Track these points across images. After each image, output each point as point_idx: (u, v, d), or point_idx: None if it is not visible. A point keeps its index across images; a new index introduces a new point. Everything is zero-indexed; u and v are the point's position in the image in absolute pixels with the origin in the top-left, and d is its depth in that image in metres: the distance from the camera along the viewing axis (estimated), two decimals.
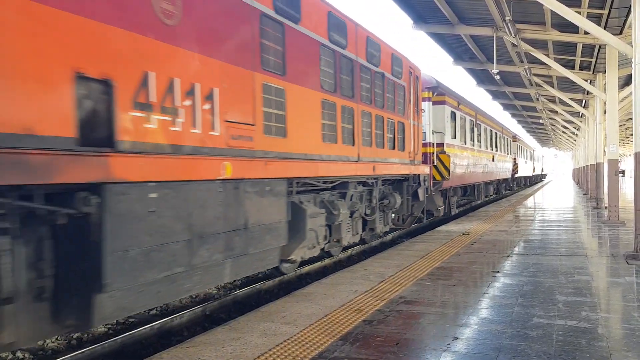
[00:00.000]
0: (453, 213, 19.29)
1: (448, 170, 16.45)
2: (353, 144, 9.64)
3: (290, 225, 7.61)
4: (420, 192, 13.64)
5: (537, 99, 27.53)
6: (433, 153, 16.11)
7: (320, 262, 10.95)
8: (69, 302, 4.45)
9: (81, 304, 4.44)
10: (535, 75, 20.92)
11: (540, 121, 41.32)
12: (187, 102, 5.46)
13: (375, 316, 5.57)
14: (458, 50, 20.35)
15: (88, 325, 4.50)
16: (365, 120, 10.23)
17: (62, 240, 4.43)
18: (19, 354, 6.18)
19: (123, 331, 7.08)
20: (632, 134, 9.58)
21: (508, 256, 9.32)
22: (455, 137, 18.10)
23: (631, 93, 9.64)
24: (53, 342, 6.60)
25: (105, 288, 4.40)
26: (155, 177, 4.90)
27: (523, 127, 54.56)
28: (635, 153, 9.01)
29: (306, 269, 10.35)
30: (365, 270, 8.16)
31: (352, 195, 9.99)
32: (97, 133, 4.46)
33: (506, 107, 37.25)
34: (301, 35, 7.86)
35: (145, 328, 6.61)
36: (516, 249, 10.19)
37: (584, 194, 31.20)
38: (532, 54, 16.61)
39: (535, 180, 65.24)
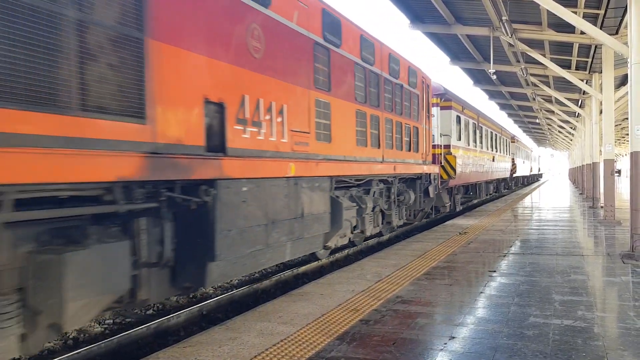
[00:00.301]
0: (457, 210, 20.67)
1: (454, 169, 17.80)
2: (378, 147, 11.10)
3: (330, 216, 8.98)
4: (431, 189, 15.13)
5: (534, 99, 27.58)
6: (441, 154, 17.48)
7: (317, 262, 10.95)
8: (189, 269, 5.80)
9: (198, 270, 5.79)
10: (532, 75, 20.97)
11: (537, 121, 41.40)
12: (267, 117, 6.96)
13: (372, 316, 5.57)
14: (455, 50, 20.38)
15: (202, 286, 5.94)
16: (388, 126, 11.70)
17: (188, 222, 5.77)
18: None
19: (119, 331, 7.06)
20: (628, 134, 9.61)
21: (504, 255, 9.34)
22: (460, 139, 19.38)
23: (627, 93, 9.66)
24: (49, 343, 6.58)
25: (215, 258, 5.79)
26: (246, 175, 6.38)
27: (520, 127, 54.67)
28: (631, 153, 9.04)
29: (303, 268, 10.35)
30: (362, 269, 8.16)
31: (374, 192, 11.30)
32: (215, 142, 5.94)
33: (503, 106, 37.31)
34: (341, 57, 9.40)
35: (141, 328, 6.60)
36: (512, 248, 10.21)
37: (580, 194, 31.28)
38: (528, 53, 16.65)
39: (532, 179, 65.99)
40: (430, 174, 15.16)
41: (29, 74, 3.85)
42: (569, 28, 14.29)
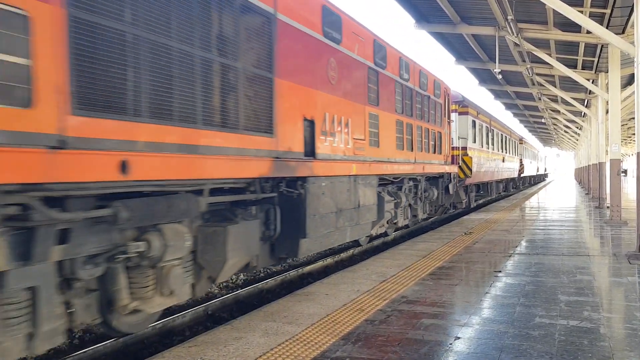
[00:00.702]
0: (472, 206, 22.57)
1: (470, 169, 19.68)
2: (411, 150, 12.85)
3: (377, 207, 10.69)
4: (451, 187, 16.91)
5: (539, 99, 27.49)
6: (458, 155, 19.10)
7: (321, 262, 10.96)
8: (286, 243, 7.56)
9: (292, 245, 7.55)
10: (538, 74, 20.90)
11: (543, 120, 41.27)
12: (339, 129, 8.81)
13: (377, 316, 5.57)
14: (460, 49, 20.34)
15: (295, 257, 7.69)
16: (418, 132, 13.46)
17: (288, 208, 7.46)
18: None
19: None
20: (634, 134, 9.58)
21: (510, 256, 9.32)
22: (475, 142, 21.22)
23: (633, 92, 9.62)
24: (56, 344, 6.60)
25: (306, 236, 7.56)
26: (325, 173, 8.18)
27: (525, 126, 54.51)
28: (638, 153, 9.00)
29: (308, 268, 10.36)
30: (367, 269, 8.16)
31: (406, 188, 12.96)
32: (308, 149, 7.82)
33: (508, 106, 37.21)
34: (386, 77, 11.12)
35: (147, 328, 6.61)
36: (518, 248, 10.18)
37: (586, 194, 31.17)
38: (534, 53, 16.60)
39: (538, 179, 66.47)
40: (450, 173, 16.89)
41: (225, 109, 5.90)
42: (575, 27, 14.24)
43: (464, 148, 19.64)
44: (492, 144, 25.58)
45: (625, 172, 79.26)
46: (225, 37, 5.97)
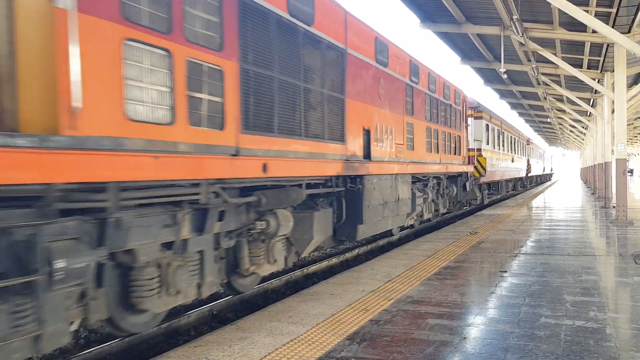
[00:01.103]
0: (485, 203, 24.47)
1: (484, 169, 21.58)
2: (437, 152, 14.50)
3: (411, 202, 12.40)
4: (467, 185, 18.62)
5: (545, 98, 27.42)
6: (474, 156, 20.64)
7: (327, 262, 10.95)
8: (346, 229, 9.31)
9: (351, 230, 9.31)
10: (543, 74, 20.83)
11: (548, 120, 41.16)
12: (385, 136, 10.53)
13: (382, 316, 5.57)
14: (465, 49, 20.31)
15: (353, 240, 9.70)
16: (442, 136, 15.09)
17: (349, 200, 9.30)
18: None
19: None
20: None
21: (515, 256, 9.29)
22: (488, 144, 22.97)
23: (639, 92, 9.58)
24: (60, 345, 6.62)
25: (362, 222, 9.31)
26: (377, 172, 9.99)
27: (531, 126, 54.36)
28: None
29: (313, 268, 10.36)
30: (372, 269, 8.15)
31: (431, 185, 14.58)
32: (365, 153, 9.54)
33: (514, 106, 37.13)
34: (419, 91, 12.88)
35: (152, 328, 6.62)
36: (523, 248, 10.16)
37: (592, 193, 31.06)
38: (539, 52, 16.56)
39: (544, 179, 67.14)
40: (467, 172, 18.53)
41: (317, 124, 7.78)
42: (580, 27, 14.19)
43: (479, 149, 21.48)
44: (503, 146, 27.28)
45: (631, 171, 79.06)
46: (318, 71, 7.95)
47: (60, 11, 3.88)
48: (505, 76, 19.31)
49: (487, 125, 22.77)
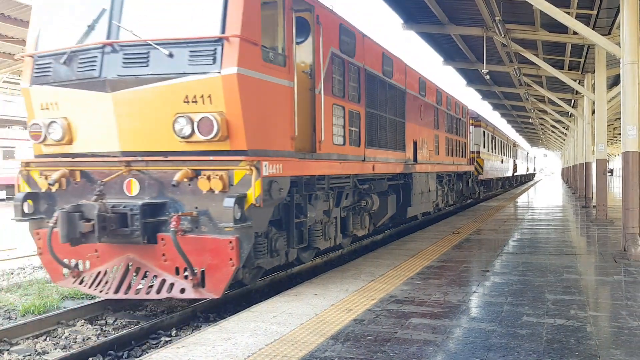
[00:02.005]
0: (481, 197, 29.09)
1: (482, 168, 26.23)
2: (452, 155, 18.45)
3: (435, 193, 16.24)
4: (470, 181, 23.10)
5: (527, 99, 27.67)
6: (474, 158, 24.72)
7: (310, 262, 10.94)
8: (400, 210, 12.78)
9: (403, 210, 12.93)
10: (525, 75, 21.02)
11: (530, 121, 41.55)
12: (423, 145, 14.19)
13: (365, 315, 5.58)
14: (448, 50, 20.42)
15: (405, 217, 13.31)
16: (454, 142, 19.04)
17: (403, 189, 12.95)
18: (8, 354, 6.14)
19: (113, 332, 7.04)
20: (620, 134, 9.67)
21: (498, 255, 9.37)
22: (484, 148, 27.32)
23: (619, 93, 9.70)
24: (41, 343, 6.55)
25: (411, 205, 12.98)
26: (419, 171, 13.61)
27: (513, 126, 54.83)
28: (623, 152, 9.08)
29: (297, 269, 10.35)
30: (356, 269, 8.16)
31: (445, 181, 18.11)
32: (413, 157, 13.24)
33: (496, 106, 37.41)
34: (442, 111, 16.85)
35: (134, 328, 6.57)
36: (505, 247, 10.24)
37: (573, 193, 31.40)
38: (521, 54, 16.71)
39: (527, 178, 69.93)
40: (470, 171, 22.69)
41: (394, 139, 11.74)
42: (561, 28, 14.34)
43: (477, 152, 25.81)
44: (495, 149, 31.49)
45: (611, 171, 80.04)
46: (394, 106, 11.77)
47: (317, 95, 7.98)
48: (487, 77, 19.46)
49: (484, 132, 27.28)
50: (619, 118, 9.27)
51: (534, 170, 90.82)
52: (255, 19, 6.47)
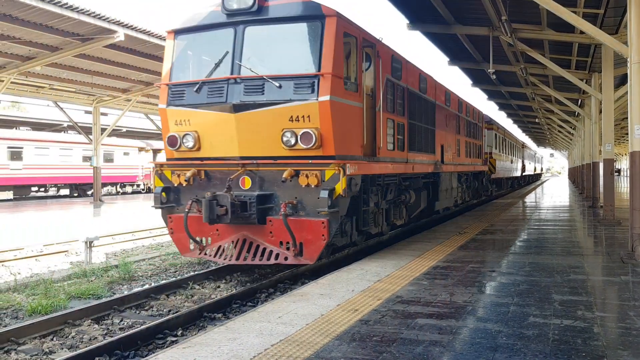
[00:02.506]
0: (492, 195, 30.85)
1: (495, 168, 28.26)
2: (470, 157, 20.41)
3: (456, 190, 18.32)
4: (484, 180, 25.41)
5: (533, 99, 27.57)
6: (487, 159, 26.40)
7: (317, 262, 10.94)
8: (428, 204, 14.64)
9: (432, 204, 14.99)
10: (531, 74, 20.94)
11: (536, 120, 41.36)
12: (449, 148, 16.30)
13: (371, 316, 5.57)
14: (454, 50, 20.35)
15: (433, 209, 15.25)
16: (472, 145, 21.04)
17: (431, 186, 14.85)
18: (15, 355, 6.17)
19: (119, 331, 7.06)
20: (627, 134, 9.62)
21: (504, 255, 9.34)
22: (496, 149, 29.42)
23: (627, 92, 9.64)
24: (48, 343, 6.58)
25: (438, 199, 15.26)
26: (445, 171, 15.74)
27: (519, 126, 54.63)
28: (631, 152, 9.03)
29: (302, 268, 10.35)
30: (361, 269, 8.15)
31: (463, 180, 19.94)
32: (441, 159, 15.16)
33: (502, 106, 37.26)
34: (462, 117, 19.02)
35: (141, 328, 6.60)
36: (512, 247, 10.21)
37: (580, 193, 31.27)
38: (528, 53, 16.63)
39: (535, 178, 71.00)
40: (484, 171, 24.78)
41: (426, 144, 13.76)
42: (568, 28, 14.27)
43: (490, 153, 27.69)
44: (505, 150, 33.63)
45: (618, 171, 79.68)
46: (426, 116, 13.59)
47: (377, 112, 10.06)
48: (494, 77, 19.36)
49: (496, 135, 29.47)
50: (627, 118, 9.23)
51: (541, 170, 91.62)
52: (341, 59, 8.70)
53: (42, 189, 35.11)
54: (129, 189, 40.56)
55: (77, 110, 34.02)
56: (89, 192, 33.90)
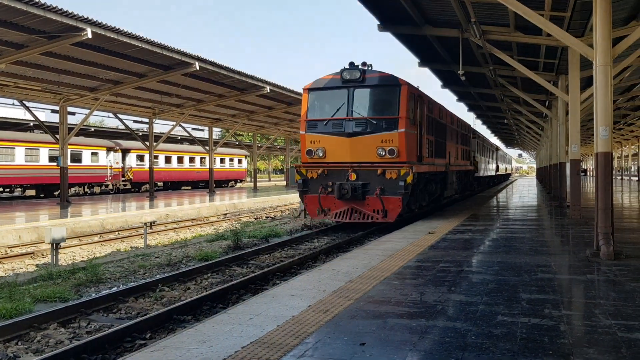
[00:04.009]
0: (475, 190, 35.99)
1: (478, 168, 33.06)
2: (463, 159, 25.78)
3: (455, 184, 24.16)
4: (471, 178, 30.83)
5: (502, 100, 27.97)
6: (472, 160, 30.76)
7: (288, 261, 10.91)
8: (440, 193, 20.90)
9: (442, 193, 20.97)
10: (500, 76, 21.23)
11: (505, 121, 42.00)
12: (453, 154, 22.93)
13: (342, 316, 5.56)
14: (424, 51, 20.49)
15: (442, 196, 21.64)
16: (464, 151, 26.49)
17: (442, 180, 20.78)
18: None
19: (86, 335, 6.93)
20: (593, 134, 9.79)
21: (473, 254, 9.44)
22: (478, 153, 34.09)
23: (592, 94, 9.84)
24: (12, 347, 6.42)
25: (446, 189, 21.67)
26: (451, 170, 22.13)
27: (488, 127, 55.38)
28: (597, 153, 9.21)
29: (274, 268, 10.31)
30: (332, 269, 8.15)
31: (457, 177, 24.05)
32: (449, 162, 21.79)
33: (471, 107, 37.73)
34: (459, 131, 25.01)
35: (108, 332, 6.48)
36: (481, 247, 10.32)
37: (547, 193, 31.84)
38: (496, 55, 16.86)
39: (505, 178, 72.91)
40: (471, 170, 30.00)
41: (440, 152, 20.14)
42: (536, 30, 14.51)
43: (474, 156, 31.87)
44: (484, 153, 39.07)
45: (584, 172, 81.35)
46: (440, 134, 19.60)
47: (422, 135, 17.09)
48: (463, 78, 19.58)
49: (477, 142, 34.47)
50: (592, 119, 9.42)
51: (511, 170, 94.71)
52: (409, 108, 15.26)
53: (7, 190, 34.39)
54: (97, 189, 39.90)
55: (44, 109, 33.41)
56: (56, 193, 33.27)
